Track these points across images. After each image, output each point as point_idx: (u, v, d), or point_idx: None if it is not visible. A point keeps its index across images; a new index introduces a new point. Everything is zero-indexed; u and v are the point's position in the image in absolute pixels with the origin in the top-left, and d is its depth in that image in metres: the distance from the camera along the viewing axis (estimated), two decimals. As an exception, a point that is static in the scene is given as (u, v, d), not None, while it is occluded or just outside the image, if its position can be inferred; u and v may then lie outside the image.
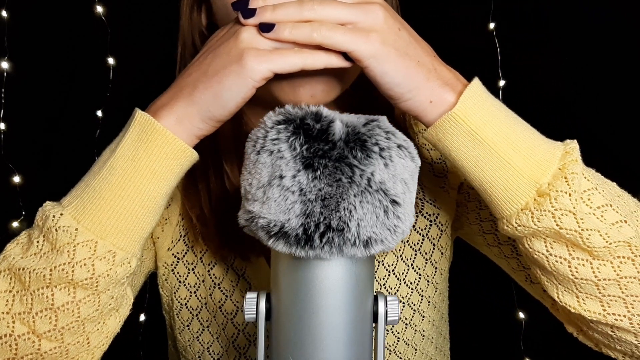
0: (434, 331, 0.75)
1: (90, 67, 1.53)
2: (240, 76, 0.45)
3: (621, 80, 1.32)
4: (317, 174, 0.35)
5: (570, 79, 1.37)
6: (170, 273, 0.73)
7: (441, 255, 0.73)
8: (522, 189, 0.48)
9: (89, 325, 0.50)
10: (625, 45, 1.32)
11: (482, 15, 1.38)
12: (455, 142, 0.48)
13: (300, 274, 0.37)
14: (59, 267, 0.47)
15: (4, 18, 1.45)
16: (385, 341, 0.42)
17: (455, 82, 0.49)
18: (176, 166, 0.49)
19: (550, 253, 0.49)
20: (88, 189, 0.49)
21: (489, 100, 0.49)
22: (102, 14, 1.47)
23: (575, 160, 0.48)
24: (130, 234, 0.49)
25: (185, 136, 0.49)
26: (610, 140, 1.31)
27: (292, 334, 0.38)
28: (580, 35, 1.35)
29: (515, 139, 0.48)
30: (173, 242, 0.72)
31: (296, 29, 0.45)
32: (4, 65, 1.45)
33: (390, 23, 0.47)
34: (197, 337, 0.73)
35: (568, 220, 0.47)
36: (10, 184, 1.52)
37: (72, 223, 0.48)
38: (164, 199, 0.50)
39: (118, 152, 0.48)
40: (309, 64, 0.46)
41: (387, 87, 0.47)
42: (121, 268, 0.49)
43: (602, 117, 1.33)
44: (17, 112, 1.50)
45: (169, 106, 0.49)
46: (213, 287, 0.71)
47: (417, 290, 0.72)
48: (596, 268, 0.48)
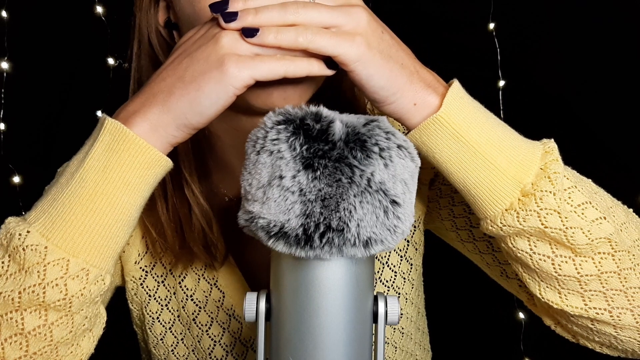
0: (412, 327, 0.75)
1: (90, 67, 1.53)
2: (221, 83, 0.44)
3: (621, 80, 1.32)
4: (317, 174, 0.35)
5: (570, 79, 1.37)
6: (139, 287, 0.70)
7: (415, 251, 0.73)
8: (506, 190, 0.48)
9: (62, 349, 0.48)
10: (625, 45, 1.31)
11: (482, 15, 1.38)
12: (439, 144, 0.48)
13: (300, 274, 0.37)
14: (29, 288, 0.44)
15: (4, 18, 1.45)
16: (385, 341, 0.42)
17: (437, 85, 0.49)
18: (150, 176, 0.47)
19: (534, 251, 0.50)
20: (56, 204, 0.46)
21: (470, 102, 0.50)
22: (102, 14, 1.47)
23: (556, 159, 0.49)
24: (104, 250, 0.46)
25: (159, 144, 0.46)
26: (610, 140, 1.31)
27: (292, 334, 0.38)
28: (580, 35, 1.35)
29: (497, 139, 0.49)
30: (140, 254, 0.70)
31: (281, 33, 0.44)
32: (4, 65, 1.45)
33: (373, 26, 0.46)
34: (172, 350, 0.71)
35: (553, 219, 0.48)
36: (10, 184, 1.52)
37: (40, 241, 0.45)
38: (138, 211, 0.48)
39: (87, 163, 0.46)
40: (291, 71, 0.45)
41: (372, 91, 0.47)
42: (95, 286, 0.47)
43: (602, 117, 1.33)
44: (17, 112, 1.50)
45: (141, 113, 0.46)
46: (185, 299, 0.69)
47: (394, 287, 0.71)
48: (579, 265, 0.49)
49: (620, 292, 0.50)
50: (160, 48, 0.64)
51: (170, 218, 0.65)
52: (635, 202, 0.50)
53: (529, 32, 1.42)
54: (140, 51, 0.64)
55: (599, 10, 1.31)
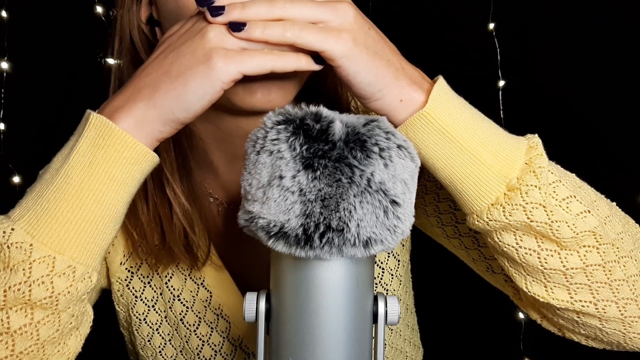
0: (401, 324, 0.75)
1: (90, 67, 1.53)
2: (208, 78, 0.43)
3: (621, 80, 1.32)
4: (317, 174, 0.35)
5: (570, 79, 1.37)
6: (125, 288, 0.70)
7: (402, 247, 0.73)
8: (492, 184, 0.49)
9: (49, 348, 0.47)
10: (625, 45, 1.32)
11: (482, 15, 1.38)
12: (425, 141, 0.48)
13: (300, 274, 0.37)
14: (14, 287, 0.43)
15: (4, 18, 1.45)
16: (385, 341, 0.42)
17: (422, 81, 0.49)
18: (137, 171, 0.46)
19: (520, 245, 0.50)
20: (41, 200, 0.45)
21: (455, 98, 0.50)
22: (102, 14, 1.47)
23: (540, 154, 0.49)
24: (90, 247, 0.46)
25: (145, 139, 0.46)
26: (610, 140, 1.31)
27: (292, 334, 0.38)
28: (580, 35, 1.35)
29: (482, 135, 0.49)
30: (125, 255, 0.69)
31: (268, 28, 0.44)
32: (4, 66, 1.45)
33: (360, 22, 0.46)
34: (159, 351, 0.71)
35: (539, 213, 0.48)
36: (10, 184, 1.52)
37: (25, 238, 0.44)
38: (124, 207, 0.48)
39: (73, 159, 0.45)
40: (279, 66, 0.44)
41: (359, 87, 0.47)
42: (82, 284, 0.46)
43: (602, 117, 1.33)
44: (17, 112, 1.50)
45: (126, 108, 0.45)
46: (172, 299, 0.69)
47: (382, 284, 0.71)
48: (564, 258, 0.50)
49: (605, 284, 0.51)
50: (142, 45, 0.64)
51: (151, 218, 0.64)
52: (635, 202, 0.50)
53: (529, 32, 1.42)
54: (121, 48, 0.65)
55: (599, 10, 1.31)
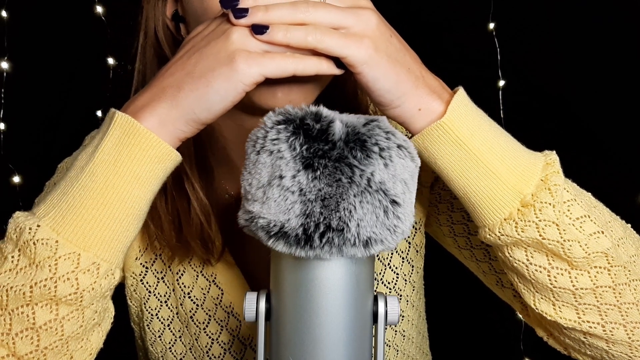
0: (413, 330, 0.75)
1: (90, 67, 1.53)
2: (230, 80, 0.44)
3: (621, 80, 1.32)
4: (317, 174, 0.35)
5: (570, 79, 1.37)
6: (139, 283, 0.70)
7: (416, 253, 0.73)
8: (506, 199, 0.49)
9: (73, 343, 0.47)
10: (625, 45, 1.31)
11: (482, 15, 1.38)
12: (441, 151, 0.48)
13: (300, 274, 0.37)
14: (40, 283, 0.44)
15: (4, 18, 1.45)
16: (385, 341, 0.42)
17: (442, 91, 0.49)
18: (160, 170, 0.47)
19: (530, 262, 0.50)
20: (66, 197, 0.45)
21: (474, 110, 0.50)
22: (102, 14, 1.47)
23: (557, 171, 0.49)
24: (114, 244, 0.46)
25: (168, 138, 0.46)
26: (610, 140, 1.31)
27: (292, 334, 0.38)
28: (580, 35, 1.35)
29: (499, 149, 0.49)
30: (140, 250, 0.69)
31: (290, 31, 0.44)
32: (4, 65, 1.45)
33: (382, 29, 0.46)
34: (169, 347, 0.71)
35: (551, 231, 0.48)
36: (10, 184, 1.52)
37: (51, 235, 0.44)
38: (147, 205, 0.48)
39: (98, 157, 0.45)
40: (300, 69, 0.45)
41: (378, 94, 0.47)
42: (105, 280, 0.46)
43: (602, 117, 1.33)
44: (17, 112, 1.50)
45: (150, 107, 0.46)
46: (183, 296, 0.69)
47: (396, 289, 0.71)
48: (574, 277, 0.49)
49: (614, 307, 0.50)
50: (166, 41, 0.64)
51: (169, 211, 0.64)
52: (635, 202, 0.50)
53: (529, 32, 1.42)
54: (145, 43, 0.64)
55: (599, 10, 1.31)
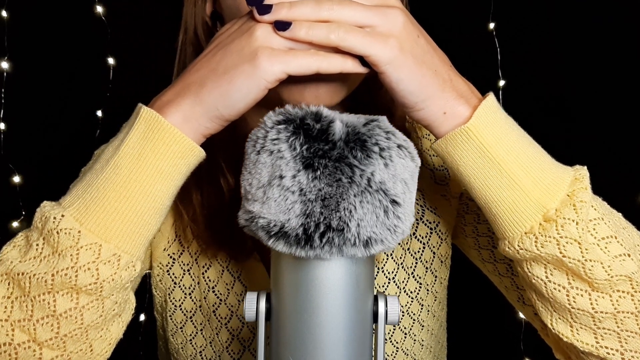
0: (432, 340, 0.74)
1: (90, 67, 1.53)
2: (253, 77, 0.43)
3: (621, 80, 1.32)
4: (317, 174, 0.35)
5: (570, 79, 1.37)
6: (165, 274, 0.71)
7: (441, 263, 0.72)
8: (528, 212, 0.47)
9: (92, 332, 0.48)
10: (625, 45, 1.31)
11: (482, 15, 1.38)
12: (464, 157, 0.47)
13: (300, 274, 0.37)
14: (62, 271, 0.45)
15: (4, 18, 1.45)
16: (385, 341, 0.42)
17: (470, 96, 0.48)
18: (183, 165, 0.47)
19: (549, 280, 0.48)
20: (90, 189, 0.46)
21: (503, 118, 0.48)
22: (102, 14, 1.47)
23: (584, 188, 0.47)
24: (135, 237, 0.47)
25: (192, 134, 0.47)
26: (610, 140, 1.31)
27: (292, 334, 0.38)
28: (580, 35, 1.35)
29: (526, 160, 0.47)
30: (169, 242, 0.70)
31: (313, 29, 0.44)
32: (4, 65, 1.45)
33: (409, 29, 0.45)
34: (190, 340, 0.72)
35: (573, 249, 0.46)
36: (10, 184, 1.52)
37: (74, 225, 0.45)
38: (170, 200, 0.49)
39: (122, 150, 0.46)
40: (323, 67, 0.44)
41: (402, 95, 0.46)
42: (126, 272, 0.47)
43: (602, 117, 1.33)
44: (17, 112, 1.50)
45: (175, 103, 0.46)
46: (207, 290, 0.70)
47: (417, 299, 0.70)
48: (594, 300, 0.47)
49: (635, 334, 0.48)
50: (205, 39, 0.65)
51: (204, 205, 0.65)
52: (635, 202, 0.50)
53: (529, 32, 1.42)
54: (185, 40, 0.66)
55: (599, 10, 1.31)
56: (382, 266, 0.69)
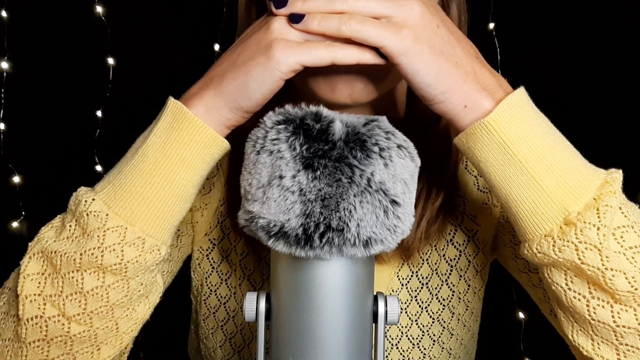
0: (461, 350, 0.72)
1: (90, 67, 1.53)
2: (267, 68, 0.44)
3: (621, 80, 1.32)
4: (317, 174, 0.35)
5: (571, 79, 1.37)
6: (204, 258, 0.73)
7: (476, 273, 0.70)
8: (548, 214, 0.45)
9: (118, 311, 0.50)
10: (625, 45, 1.31)
11: (482, 15, 1.38)
12: (484, 153, 0.46)
13: (300, 274, 0.37)
14: (89, 251, 0.47)
15: (4, 18, 1.45)
16: (384, 341, 0.42)
17: (496, 88, 0.46)
18: (207, 155, 0.48)
19: (569, 287, 0.46)
20: (120, 176, 0.49)
21: (530, 113, 0.46)
22: (102, 14, 1.47)
23: (613, 192, 0.44)
24: (160, 222, 0.49)
25: (215, 125, 0.48)
26: (610, 140, 1.31)
27: (292, 334, 0.38)
28: (580, 35, 1.35)
29: (551, 158, 0.45)
30: (211, 227, 0.72)
31: (325, 20, 0.44)
32: (4, 65, 1.45)
33: (427, 19, 0.44)
34: (221, 326, 0.73)
35: (592, 255, 0.43)
36: (10, 184, 1.52)
37: (102, 208, 0.48)
38: (195, 188, 0.50)
39: (150, 140, 0.48)
40: (338, 58, 0.44)
41: (418, 87, 0.45)
42: (150, 255, 0.49)
43: (602, 117, 1.33)
44: (17, 112, 1.50)
45: (198, 95, 0.48)
46: (243, 277, 0.71)
47: (449, 307, 0.69)
48: (616, 313, 0.44)
49: None
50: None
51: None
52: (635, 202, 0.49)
53: (529, 32, 1.42)
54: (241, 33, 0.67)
55: (599, 10, 1.31)
56: (416, 270, 0.68)
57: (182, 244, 0.70)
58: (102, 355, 0.51)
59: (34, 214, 1.56)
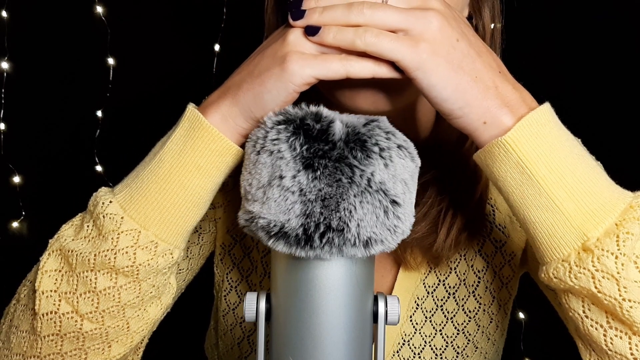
0: None
1: (90, 67, 1.53)
2: (281, 79, 0.44)
3: (621, 80, 1.32)
4: (317, 174, 0.35)
5: (571, 79, 1.37)
6: (226, 254, 0.73)
7: (502, 285, 0.69)
8: (566, 238, 0.43)
9: (129, 311, 0.51)
10: (625, 45, 1.32)
11: (482, 15, 1.38)
12: (502, 172, 0.44)
13: (300, 274, 0.37)
14: (103, 252, 0.48)
15: (4, 18, 1.45)
16: (385, 341, 0.42)
17: (519, 104, 0.44)
18: (221, 163, 0.49)
19: (586, 315, 0.45)
20: (137, 180, 0.49)
21: (553, 131, 0.44)
22: (102, 14, 1.47)
23: (636, 218, 0.42)
24: (173, 227, 0.49)
25: (230, 134, 0.48)
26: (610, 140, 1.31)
27: (292, 334, 0.38)
28: (580, 35, 1.35)
29: (572, 180, 0.43)
30: (233, 224, 0.72)
31: (340, 33, 0.43)
32: (4, 65, 1.45)
33: (446, 33, 0.42)
34: (240, 323, 0.73)
35: (609, 285, 0.42)
36: (10, 184, 1.52)
37: (118, 211, 0.49)
38: (209, 195, 0.50)
39: (167, 146, 0.49)
40: (353, 72, 0.43)
41: (435, 102, 0.44)
42: (162, 259, 0.49)
43: (603, 117, 1.33)
44: (17, 112, 1.50)
45: (216, 104, 0.48)
46: (264, 274, 0.71)
47: (475, 319, 0.68)
48: (634, 345, 0.43)
49: None
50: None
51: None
52: (635, 202, 0.49)
53: (529, 32, 1.42)
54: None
55: (599, 10, 1.31)
56: (444, 279, 0.67)
57: (203, 241, 0.71)
58: (112, 352, 0.52)
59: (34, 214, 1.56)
